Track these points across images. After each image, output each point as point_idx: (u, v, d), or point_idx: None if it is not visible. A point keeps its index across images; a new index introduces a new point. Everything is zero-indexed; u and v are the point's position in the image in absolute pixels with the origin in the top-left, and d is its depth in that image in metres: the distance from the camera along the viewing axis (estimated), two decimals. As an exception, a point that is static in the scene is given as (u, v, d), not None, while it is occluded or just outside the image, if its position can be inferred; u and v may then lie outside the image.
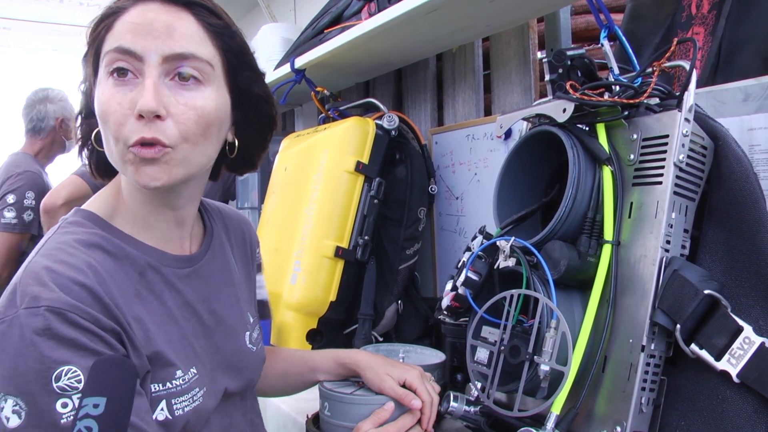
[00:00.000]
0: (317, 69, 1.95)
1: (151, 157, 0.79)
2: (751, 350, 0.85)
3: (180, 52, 0.81)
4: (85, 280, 0.76)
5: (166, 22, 0.81)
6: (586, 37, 1.79)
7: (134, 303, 0.82)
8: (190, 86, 0.82)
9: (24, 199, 2.76)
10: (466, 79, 1.83)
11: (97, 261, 0.80)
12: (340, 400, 1.08)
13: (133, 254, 0.86)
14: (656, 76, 0.98)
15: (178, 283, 0.91)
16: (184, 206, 0.92)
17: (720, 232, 0.93)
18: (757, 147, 1.01)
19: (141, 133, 0.78)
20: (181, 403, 0.84)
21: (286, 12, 3.00)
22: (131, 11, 0.81)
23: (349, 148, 1.66)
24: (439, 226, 1.85)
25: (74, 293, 0.74)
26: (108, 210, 0.89)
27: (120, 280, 0.82)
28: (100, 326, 0.74)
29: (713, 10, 1.34)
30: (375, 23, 1.54)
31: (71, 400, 0.69)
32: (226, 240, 1.07)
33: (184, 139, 0.81)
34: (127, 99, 0.79)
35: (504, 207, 1.13)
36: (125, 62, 0.79)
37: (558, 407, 0.91)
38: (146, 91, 0.78)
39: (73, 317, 0.72)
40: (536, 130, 1.08)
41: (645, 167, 0.95)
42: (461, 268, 1.09)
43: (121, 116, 0.79)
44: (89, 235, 0.84)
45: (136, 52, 0.79)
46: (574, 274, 0.95)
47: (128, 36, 0.80)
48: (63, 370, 0.70)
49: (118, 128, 0.79)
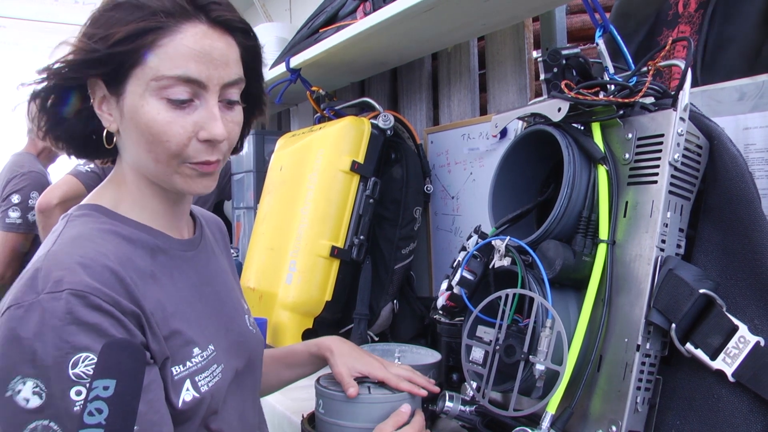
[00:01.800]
0: (313, 68, 1.95)
1: (210, 172, 0.88)
2: (746, 349, 0.85)
3: (234, 80, 0.87)
4: (108, 262, 0.77)
5: (222, 50, 0.85)
6: (582, 37, 1.79)
7: (151, 284, 0.84)
8: (233, 106, 0.89)
9: (29, 199, 2.75)
10: (462, 78, 1.83)
11: (115, 246, 0.83)
12: (335, 398, 1.07)
13: (144, 238, 0.88)
14: (651, 75, 0.98)
15: (185, 265, 0.94)
16: (186, 202, 0.99)
17: (715, 232, 0.93)
18: (752, 146, 1.01)
19: (206, 156, 0.86)
20: (204, 379, 0.86)
21: (282, 11, 3.00)
22: (184, 34, 0.82)
23: (344, 147, 1.66)
24: (434, 226, 1.85)
25: (97, 275, 0.75)
26: (112, 201, 0.91)
27: (137, 263, 0.84)
28: (120, 309, 0.75)
29: (700, 9, 1.34)
30: (370, 22, 1.54)
31: (85, 388, 0.70)
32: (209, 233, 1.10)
33: (229, 150, 0.92)
34: (190, 123, 0.83)
35: (499, 206, 1.13)
36: (188, 90, 0.83)
37: (553, 407, 0.91)
38: (217, 120, 0.84)
39: (94, 300, 0.73)
40: (531, 129, 1.08)
41: (640, 166, 0.95)
42: (456, 267, 1.08)
43: (185, 139, 0.84)
44: (101, 223, 0.86)
45: (202, 81, 0.83)
46: (570, 273, 0.95)
47: (192, 65, 0.82)
48: (81, 357, 0.70)
49: (181, 149, 0.84)
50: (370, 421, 1.05)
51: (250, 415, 1.02)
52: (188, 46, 0.81)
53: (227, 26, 0.86)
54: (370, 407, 1.07)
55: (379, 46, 1.77)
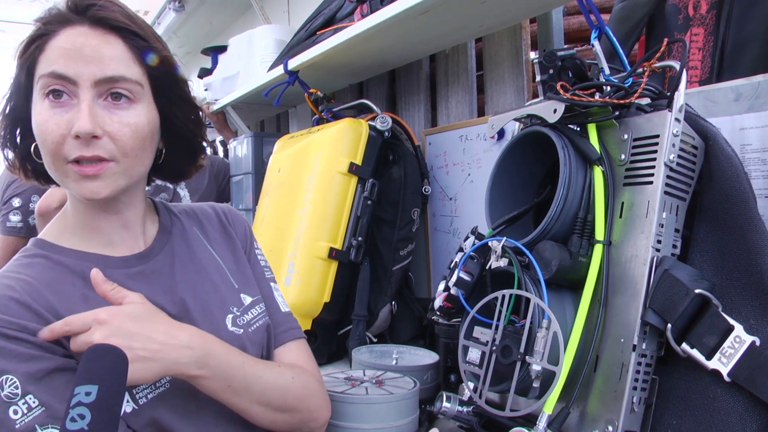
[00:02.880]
0: (311, 70, 1.95)
1: (92, 174, 0.86)
2: (741, 349, 0.85)
3: (111, 75, 0.86)
4: (12, 293, 0.83)
5: (96, 46, 0.86)
6: (579, 38, 1.80)
7: (80, 305, 0.86)
8: (123, 105, 0.88)
9: (30, 203, 2.74)
10: (459, 79, 1.83)
11: (33, 277, 0.88)
12: (332, 398, 1.08)
13: (74, 264, 0.92)
14: (647, 76, 0.99)
15: (128, 282, 0.93)
16: (125, 210, 0.97)
17: (711, 232, 0.93)
18: (748, 146, 1.01)
19: (80, 152, 0.85)
20: (143, 391, 0.86)
21: (280, 14, 3.00)
22: (61, 35, 0.86)
23: (342, 149, 1.66)
24: (432, 227, 1.85)
25: (2, 307, 0.81)
26: (56, 233, 0.96)
27: (62, 288, 0.88)
28: (29, 332, 0.81)
29: (712, 9, 1.35)
30: (368, 24, 1.54)
31: (18, 406, 0.77)
32: (199, 234, 1.08)
33: (124, 154, 0.88)
34: (64, 120, 0.84)
35: (496, 207, 1.13)
36: (59, 85, 0.85)
37: (550, 407, 0.91)
38: (82, 114, 0.83)
39: (2, 330, 0.79)
40: (527, 130, 1.08)
41: (636, 167, 0.95)
42: (453, 268, 1.09)
43: (59, 136, 0.84)
44: (29, 259, 0.92)
45: (70, 77, 0.84)
46: (566, 274, 0.96)
47: (61, 61, 0.84)
48: (4, 380, 0.77)
49: (57, 147, 0.85)
50: (368, 421, 1.05)
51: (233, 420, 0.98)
52: (60, 45, 0.85)
53: (108, 25, 0.87)
54: (368, 408, 1.07)
55: (377, 48, 1.77)
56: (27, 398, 0.77)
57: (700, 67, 1.38)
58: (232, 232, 1.13)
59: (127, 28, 0.89)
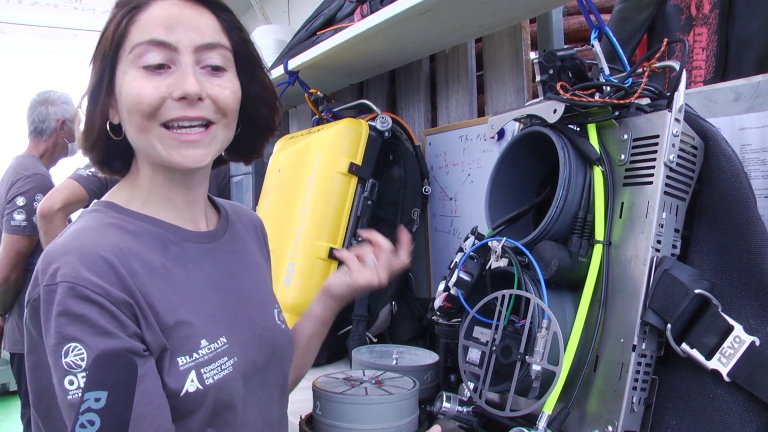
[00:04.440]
0: (311, 70, 1.95)
1: (196, 140, 0.87)
2: (741, 349, 0.85)
3: (209, 42, 0.88)
4: (101, 251, 0.80)
5: (192, 16, 0.88)
6: (579, 38, 1.80)
7: (158, 276, 0.86)
8: (219, 73, 0.90)
9: (34, 202, 2.74)
10: (460, 80, 1.83)
11: (118, 239, 0.84)
12: (331, 399, 1.08)
13: (154, 231, 0.90)
14: (647, 76, 0.99)
15: (200, 257, 0.94)
16: (197, 187, 0.97)
17: (711, 232, 0.93)
18: (748, 146, 1.01)
19: (183, 112, 0.85)
20: (210, 371, 0.86)
21: (280, 14, 3.01)
22: (153, 7, 0.87)
23: (342, 149, 1.66)
24: (432, 227, 1.85)
25: (90, 264, 0.78)
26: (125, 198, 0.94)
27: (143, 255, 0.85)
28: (110, 299, 0.77)
29: (715, 9, 1.35)
30: (368, 25, 1.54)
31: (76, 378, 0.73)
32: (242, 229, 1.10)
33: (224, 114, 0.90)
34: (164, 84, 0.85)
35: (496, 207, 1.13)
36: (158, 53, 0.85)
37: (550, 407, 0.91)
38: (189, 76, 0.85)
39: (82, 291, 0.75)
40: (527, 130, 1.08)
41: (636, 167, 0.95)
42: (453, 268, 1.09)
43: (158, 98, 0.84)
44: (109, 218, 0.89)
45: (171, 44, 0.85)
46: (566, 274, 0.96)
47: (160, 29, 0.86)
48: (70, 347, 0.74)
49: (154, 109, 0.85)
50: (367, 422, 1.05)
51: (275, 410, 1.01)
52: (157, 14, 0.87)
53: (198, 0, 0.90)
54: (367, 408, 1.07)
55: (377, 48, 1.77)
56: None
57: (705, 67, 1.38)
58: (263, 244, 1.18)
59: (216, 1, 0.92)
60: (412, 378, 1.22)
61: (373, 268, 1.14)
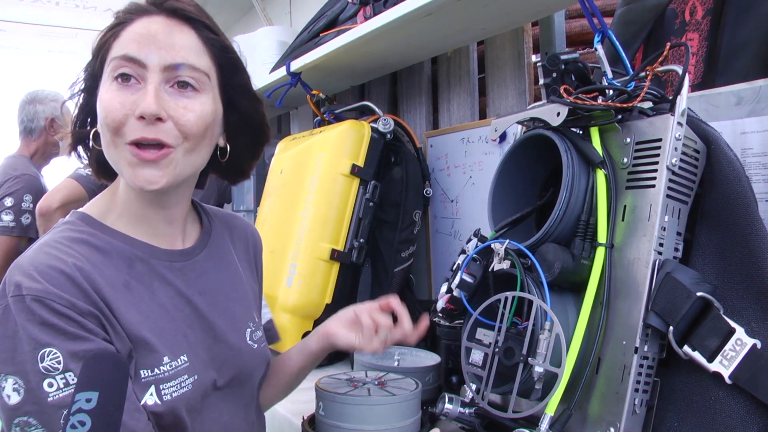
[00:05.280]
0: (313, 72, 1.95)
1: (152, 159, 0.85)
2: (743, 352, 0.85)
3: (180, 62, 0.87)
4: (63, 267, 0.81)
5: (168, 33, 0.88)
6: (581, 41, 1.80)
7: (122, 292, 0.87)
8: (188, 93, 0.88)
9: (22, 202, 2.74)
10: (461, 82, 1.84)
11: (82, 254, 0.86)
12: (334, 399, 1.08)
13: (121, 248, 0.91)
14: (649, 80, 0.99)
15: (169, 275, 0.94)
16: (173, 206, 0.97)
17: (713, 235, 0.93)
18: (749, 150, 1.01)
19: (142, 133, 0.84)
20: (169, 388, 0.87)
21: (282, 15, 3.01)
22: (137, 23, 0.88)
23: (344, 151, 1.66)
24: (434, 229, 1.86)
25: (52, 279, 0.79)
26: (102, 210, 0.94)
27: (106, 271, 0.86)
28: (77, 311, 0.79)
29: (707, 15, 1.35)
30: (370, 27, 1.54)
31: (55, 380, 0.75)
32: (229, 243, 1.09)
33: (185, 139, 0.87)
34: (129, 100, 0.85)
35: (498, 210, 1.14)
36: (129, 68, 0.85)
37: (552, 409, 0.91)
38: (148, 95, 0.84)
39: (51, 304, 0.78)
40: (530, 133, 1.09)
41: (638, 170, 0.96)
42: (456, 270, 1.09)
43: (122, 115, 0.84)
44: (77, 233, 0.89)
45: (140, 60, 0.85)
46: (568, 276, 0.96)
47: (133, 45, 0.86)
48: (46, 352, 0.76)
49: (118, 126, 0.85)
50: (370, 422, 1.05)
51: (241, 428, 1.01)
52: (134, 31, 0.87)
53: (183, 16, 0.90)
54: (370, 409, 1.07)
55: (379, 50, 1.78)
56: (67, 375, 0.76)
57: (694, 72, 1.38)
58: (252, 259, 1.16)
59: (200, 20, 0.91)
60: (414, 379, 1.23)
61: (383, 341, 1.10)
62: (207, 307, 0.97)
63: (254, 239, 1.18)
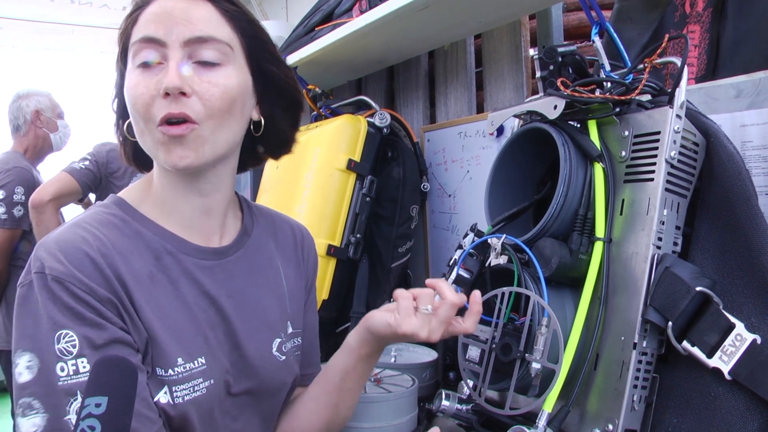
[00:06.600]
0: (309, 67, 1.94)
1: (179, 134, 0.83)
2: (742, 347, 0.84)
3: (199, 36, 0.85)
4: (88, 249, 0.81)
5: (185, 8, 0.86)
6: (579, 34, 1.79)
7: (146, 284, 0.85)
8: (212, 67, 0.87)
9: (13, 195, 2.75)
10: (458, 76, 1.82)
11: (110, 239, 0.85)
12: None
13: (150, 238, 0.89)
14: (647, 72, 0.98)
15: (197, 273, 0.91)
16: (211, 193, 0.93)
17: (712, 229, 0.93)
18: (749, 143, 1.00)
19: (168, 109, 0.83)
20: (181, 391, 0.85)
21: (278, 10, 3.00)
22: (151, 5, 0.87)
23: (340, 146, 1.65)
24: (431, 224, 1.85)
25: (75, 261, 0.79)
26: (137, 197, 0.93)
27: (132, 260, 0.85)
28: (95, 297, 0.79)
29: (708, 7, 1.34)
30: (366, 20, 1.53)
31: (66, 365, 0.75)
32: (272, 245, 1.05)
33: (210, 115, 0.85)
34: (153, 81, 0.84)
35: (495, 204, 1.13)
36: (150, 50, 0.85)
37: (550, 405, 0.91)
38: (171, 71, 0.83)
39: (70, 287, 0.77)
40: (527, 127, 1.08)
41: (636, 164, 0.95)
42: (453, 265, 1.08)
43: (149, 97, 0.83)
44: (110, 216, 0.89)
45: (159, 39, 0.84)
46: (566, 271, 0.95)
47: (151, 26, 0.85)
48: (62, 333, 0.76)
49: (146, 109, 0.84)
50: (366, 420, 1.05)
51: None
52: (151, 12, 0.86)
53: None
54: (366, 406, 1.06)
55: (376, 45, 1.76)
56: (79, 361, 0.76)
57: (697, 64, 1.37)
58: (300, 257, 1.10)
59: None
60: (410, 376, 1.22)
61: (426, 319, 0.91)
62: (234, 311, 0.93)
63: (303, 240, 1.12)
